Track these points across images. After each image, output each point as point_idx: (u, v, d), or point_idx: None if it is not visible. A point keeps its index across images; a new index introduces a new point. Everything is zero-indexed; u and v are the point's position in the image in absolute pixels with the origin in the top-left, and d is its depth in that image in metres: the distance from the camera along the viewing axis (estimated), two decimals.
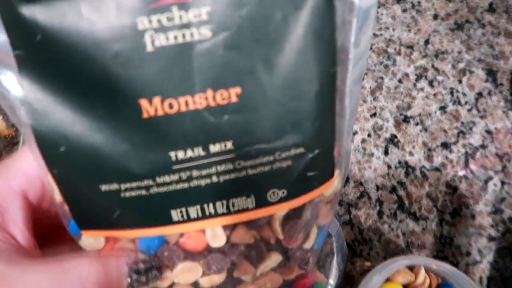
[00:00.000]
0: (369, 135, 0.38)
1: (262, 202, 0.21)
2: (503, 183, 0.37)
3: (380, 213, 0.35)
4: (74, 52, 0.17)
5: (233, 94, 0.18)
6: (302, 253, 0.24)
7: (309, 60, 0.19)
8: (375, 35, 0.43)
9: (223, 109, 0.18)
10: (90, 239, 0.22)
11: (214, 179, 0.20)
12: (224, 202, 0.20)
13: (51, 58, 0.17)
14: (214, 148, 0.19)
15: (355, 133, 0.38)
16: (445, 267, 0.28)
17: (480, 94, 0.41)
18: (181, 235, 0.22)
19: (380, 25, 0.44)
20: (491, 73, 0.42)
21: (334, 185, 0.23)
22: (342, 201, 0.35)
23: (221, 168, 0.20)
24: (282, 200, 0.21)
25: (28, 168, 0.20)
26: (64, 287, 0.18)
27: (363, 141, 0.38)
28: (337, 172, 0.23)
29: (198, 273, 0.23)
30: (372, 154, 0.37)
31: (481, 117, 0.40)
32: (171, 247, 0.22)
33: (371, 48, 0.43)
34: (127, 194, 0.20)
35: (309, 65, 0.19)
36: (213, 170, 0.20)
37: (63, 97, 0.18)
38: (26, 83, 0.17)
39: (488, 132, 0.39)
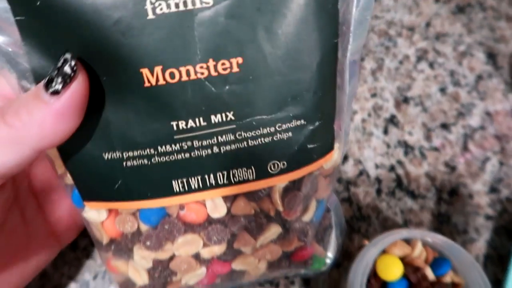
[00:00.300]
0: (369, 115, 0.38)
1: (262, 174, 0.21)
2: (501, 163, 0.37)
3: (378, 191, 0.35)
4: (73, 18, 0.16)
5: (234, 64, 0.18)
6: (301, 225, 0.24)
7: (311, 30, 0.18)
8: (376, 17, 0.43)
9: (224, 79, 0.18)
10: (93, 211, 0.22)
11: (215, 149, 0.20)
12: (225, 173, 0.20)
13: (51, 24, 0.17)
14: (215, 118, 0.19)
15: (355, 112, 0.38)
16: (441, 240, 0.28)
17: (480, 77, 0.41)
18: (182, 207, 0.22)
19: (382, 8, 0.44)
20: (492, 56, 0.42)
21: (333, 158, 0.23)
22: (341, 178, 0.36)
23: (222, 138, 0.19)
24: (282, 172, 0.21)
25: (4, 89, 0.20)
26: None
27: (363, 120, 0.38)
28: (336, 146, 0.23)
29: (199, 245, 0.23)
30: (371, 133, 0.38)
31: (481, 99, 0.40)
32: (172, 220, 0.22)
33: (372, 29, 0.43)
34: (129, 163, 0.20)
35: (311, 35, 0.19)
36: (214, 140, 0.19)
37: None
38: (28, 48, 0.17)
39: (488, 114, 0.39)
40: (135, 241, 0.23)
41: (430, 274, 0.28)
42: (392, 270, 0.27)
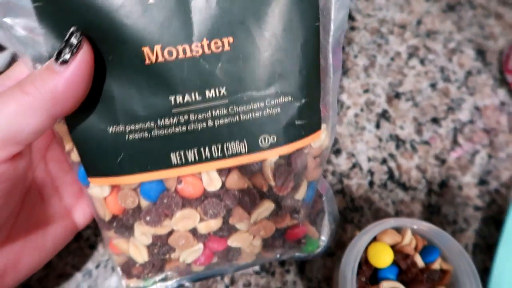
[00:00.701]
0: (361, 110, 0.40)
1: (254, 147, 0.22)
2: (490, 156, 0.38)
3: (371, 183, 0.36)
4: (83, 4, 0.19)
5: (226, 43, 0.20)
6: (293, 202, 0.26)
7: (294, 13, 0.21)
8: (368, 15, 0.45)
9: (217, 57, 0.20)
10: (97, 187, 0.23)
11: (210, 123, 0.21)
12: (219, 145, 0.22)
13: (64, 9, 0.19)
14: (209, 93, 0.21)
15: (348, 107, 0.40)
16: (430, 228, 0.29)
17: (469, 73, 0.42)
18: (180, 181, 0.23)
19: (374, 6, 0.45)
20: (481, 53, 0.43)
21: (321, 138, 0.25)
22: (335, 171, 0.37)
23: (216, 112, 0.21)
24: (272, 146, 0.23)
25: (24, 75, 0.22)
26: None
27: (356, 115, 0.39)
28: (323, 127, 0.25)
29: (196, 220, 0.24)
30: (364, 128, 0.39)
31: (470, 94, 0.41)
32: (171, 194, 0.23)
33: (364, 27, 0.44)
34: (131, 136, 0.21)
35: (294, 18, 0.21)
36: (208, 114, 0.21)
37: None
38: (44, 31, 0.19)
39: (477, 108, 0.41)
40: (135, 217, 0.24)
41: (419, 261, 0.29)
42: (383, 257, 0.28)
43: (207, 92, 0.21)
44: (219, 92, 0.21)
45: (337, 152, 0.38)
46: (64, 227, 0.27)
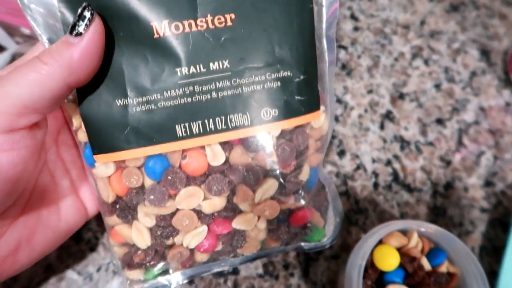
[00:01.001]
0: (365, 111, 0.39)
1: (256, 120, 0.23)
2: (495, 157, 0.38)
3: (375, 185, 0.36)
4: None
5: (228, 19, 0.22)
6: (296, 181, 0.26)
7: None
8: (372, 15, 0.44)
9: (220, 32, 0.22)
10: (102, 166, 0.24)
11: (214, 95, 0.23)
12: (223, 117, 0.23)
13: None
14: (213, 65, 0.22)
15: (351, 108, 0.39)
16: (437, 231, 0.29)
17: (474, 73, 0.42)
18: (184, 156, 0.24)
19: (377, 6, 0.45)
20: (485, 53, 0.43)
21: (321, 119, 0.26)
22: (339, 172, 0.36)
23: (219, 84, 0.23)
24: (274, 119, 0.24)
25: None
26: None
27: (360, 116, 0.39)
28: (322, 108, 0.26)
29: (200, 197, 0.24)
30: (368, 129, 0.38)
31: (475, 95, 0.41)
32: (175, 170, 0.24)
33: (368, 27, 0.44)
34: (138, 108, 0.22)
35: None
36: (212, 86, 0.23)
37: None
38: (63, 11, 0.21)
39: (482, 109, 0.40)
40: (139, 198, 0.24)
41: (426, 264, 0.29)
42: (389, 260, 0.28)
43: (211, 64, 0.22)
44: (222, 64, 0.22)
45: (341, 153, 0.37)
46: (77, 209, 0.28)
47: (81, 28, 0.20)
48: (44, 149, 0.27)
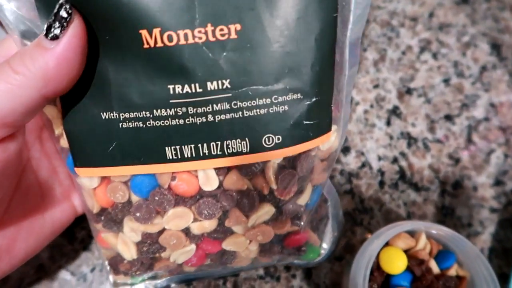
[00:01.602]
0: (371, 106, 0.38)
1: (256, 147, 0.20)
2: (506, 156, 0.37)
3: (381, 183, 0.35)
4: None
5: (232, 30, 0.18)
6: (295, 207, 0.24)
7: (311, 1, 0.18)
8: (378, 7, 0.43)
9: (222, 45, 0.18)
10: (86, 178, 0.22)
11: (210, 118, 0.20)
12: (219, 143, 0.20)
13: None
14: (211, 85, 0.19)
15: (357, 103, 0.38)
16: (446, 232, 0.27)
17: (484, 68, 0.40)
18: (173, 178, 0.21)
19: None
20: (496, 47, 0.41)
21: (331, 140, 0.23)
22: (344, 170, 0.35)
23: (217, 107, 0.19)
24: (277, 146, 0.21)
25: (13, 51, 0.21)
26: None
27: (366, 111, 0.38)
28: (334, 128, 0.23)
29: (189, 219, 0.23)
30: (374, 125, 0.37)
31: (485, 90, 0.39)
32: (163, 191, 0.21)
33: (374, 20, 0.42)
34: (125, 124, 0.20)
35: (310, 6, 0.19)
36: (209, 108, 0.19)
37: None
38: (40, 9, 0.18)
39: (492, 105, 0.39)
40: (125, 212, 0.23)
41: (434, 267, 0.27)
42: (396, 263, 0.27)
43: (208, 84, 0.19)
44: (222, 84, 0.19)
45: (345, 150, 0.36)
46: (63, 210, 0.26)
47: (57, 30, 0.17)
48: (27, 147, 0.25)
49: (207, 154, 0.20)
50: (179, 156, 0.20)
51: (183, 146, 0.20)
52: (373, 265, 0.27)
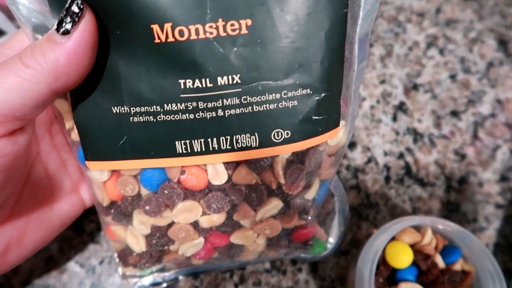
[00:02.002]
0: (378, 102, 0.38)
1: (265, 142, 0.21)
2: (511, 152, 0.37)
3: (387, 179, 0.35)
4: None
5: (243, 25, 0.18)
6: (303, 202, 0.24)
7: None
8: (385, 2, 0.43)
9: (232, 40, 0.18)
10: (97, 171, 0.22)
11: (220, 112, 0.20)
12: (228, 137, 0.20)
13: None
14: (221, 80, 0.19)
15: (363, 99, 0.38)
16: (452, 227, 0.27)
17: (491, 64, 0.40)
18: (183, 172, 0.22)
19: None
20: (503, 43, 0.41)
21: (339, 136, 0.23)
22: (350, 166, 0.35)
23: (227, 102, 0.20)
24: (285, 141, 0.21)
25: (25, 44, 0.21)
26: None
27: (372, 107, 0.38)
28: (342, 123, 0.23)
29: (198, 213, 0.23)
30: (380, 120, 0.37)
31: (492, 87, 0.39)
32: (172, 185, 0.22)
33: (381, 15, 0.42)
34: (136, 119, 0.20)
35: (320, 2, 0.19)
36: (219, 103, 0.19)
37: None
38: (52, 3, 0.18)
39: (498, 101, 0.39)
40: (134, 205, 0.23)
41: (440, 261, 0.28)
42: (402, 257, 0.27)
43: (219, 79, 0.19)
44: (232, 79, 0.19)
45: (352, 145, 0.36)
46: (71, 203, 0.27)
47: (68, 25, 0.17)
48: (36, 141, 0.25)
49: (216, 148, 0.21)
50: (189, 151, 0.20)
51: (193, 141, 0.20)
52: (379, 259, 0.27)
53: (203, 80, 0.19)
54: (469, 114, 0.38)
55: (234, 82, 0.19)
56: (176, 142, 0.20)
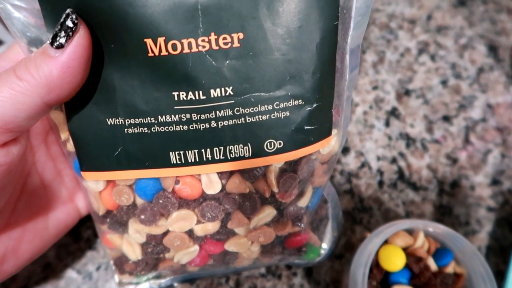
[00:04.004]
0: (370, 107, 0.38)
1: (258, 152, 0.21)
2: (503, 156, 0.37)
3: (380, 183, 0.35)
4: None
5: (235, 38, 0.19)
6: (296, 209, 0.25)
7: (311, 10, 0.19)
8: (377, 10, 0.43)
9: (225, 54, 0.19)
10: (92, 182, 0.22)
11: (213, 124, 0.20)
12: (221, 148, 0.21)
13: None
14: (214, 92, 0.20)
15: (356, 104, 0.38)
16: (444, 230, 0.28)
17: (481, 69, 0.41)
18: (177, 181, 0.22)
19: (383, 0, 0.44)
20: (493, 49, 0.42)
21: (331, 144, 0.24)
22: (343, 170, 0.36)
23: (220, 113, 0.20)
24: (278, 151, 0.21)
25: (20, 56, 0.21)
26: None
27: (365, 113, 0.38)
28: (334, 132, 0.23)
29: (193, 222, 0.23)
30: (373, 126, 0.38)
31: (482, 92, 0.40)
32: (167, 194, 0.22)
33: (373, 22, 0.43)
34: (131, 130, 0.20)
35: (311, 15, 0.19)
36: (212, 115, 0.20)
37: None
38: (46, 16, 0.18)
39: (489, 106, 0.39)
40: (130, 214, 0.23)
41: (432, 264, 0.28)
42: (395, 261, 0.27)
43: (212, 91, 0.19)
44: (225, 91, 0.19)
45: (345, 150, 0.37)
46: (67, 212, 0.27)
47: (62, 39, 0.17)
48: (32, 151, 0.25)
49: (210, 159, 0.21)
50: (183, 161, 0.21)
51: (187, 151, 0.21)
52: (372, 262, 0.27)
53: (196, 92, 0.19)
54: (460, 119, 0.39)
55: (227, 94, 0.20)
56: (171, 153, 0.21)
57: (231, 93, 0.20)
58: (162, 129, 0.20)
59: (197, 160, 0.21)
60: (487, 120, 0.39)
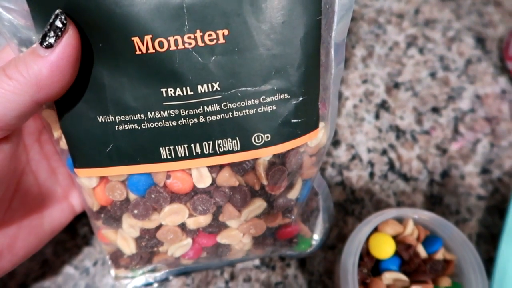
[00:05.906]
0: (360, 101, 0.39)
1: (246, 145, 0.22)
2: (492, 145, 0.38)
3: (371, 174, 0.36)
4: None
5: (220, 35, 0.19)
6: (286, 201, 0.25)
7: (294, 5, 0.19)
8: (366, 5, 0.44)
9: (211, 50, 0.19)
10: (85, 178, 0.23)
11: (201, 119, 0.21)
12: (210, 142, 0.21)
13: None
14: (201, 88, 0.20)
15: (346, 98, 0.39)
16: (433, 218, 0.28)
17: (469, 61, 0.42)
18: (168, 176, 0.23)
19: None
20: (480, 41, 0.43)
21: (318, 137, 0.24)
22: (334, 163, 0.36)
23: (208, 108, 0.20)
24: (266, 144, 0.22)
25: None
26: None
27: (355, 106, 0.39)
28: (321, 125, 0.24)
29: (185, 215, 0.24)
30: (363, 119, 0.38)
31: (470, 83, 0.41)
32: (159, 189, 0.23)
33: (362, 17, 0.43)
34: (121, 127, 0.21)
35: (294, 10, 0.20)
36: (200, 110, 0.20)
37: None
38: (34, 16, 0.18)
39: (477, 97, 0.40)
40: (123, 209, 0.24)
41: (422, 251, 0.29)
42: (385, 248, 0.28)
43: (199, 87, 0.20)
44: (212, 87, 0.20)
45: (336, 143, 0.37)
46: (62, 210, 0.27)
47: (52, 39, 0.17)
48: (26, 150, 0.26)
49: (199, 153, 0.21)
50: (173, 156, 0.21)
51: (176, 146, 0.21)
52: (362, 250, 0.28)
53: (184, 88, 0.20)
54: (449, 110, 0.39)
55: (214, 89, 0.20)
56: (161, 148, 0.21)
57: (218, 88, 0.20)
58: (151, 125, 0.21)
59: (187, 154, 0.21)
60: (475, 111, 0.39)
